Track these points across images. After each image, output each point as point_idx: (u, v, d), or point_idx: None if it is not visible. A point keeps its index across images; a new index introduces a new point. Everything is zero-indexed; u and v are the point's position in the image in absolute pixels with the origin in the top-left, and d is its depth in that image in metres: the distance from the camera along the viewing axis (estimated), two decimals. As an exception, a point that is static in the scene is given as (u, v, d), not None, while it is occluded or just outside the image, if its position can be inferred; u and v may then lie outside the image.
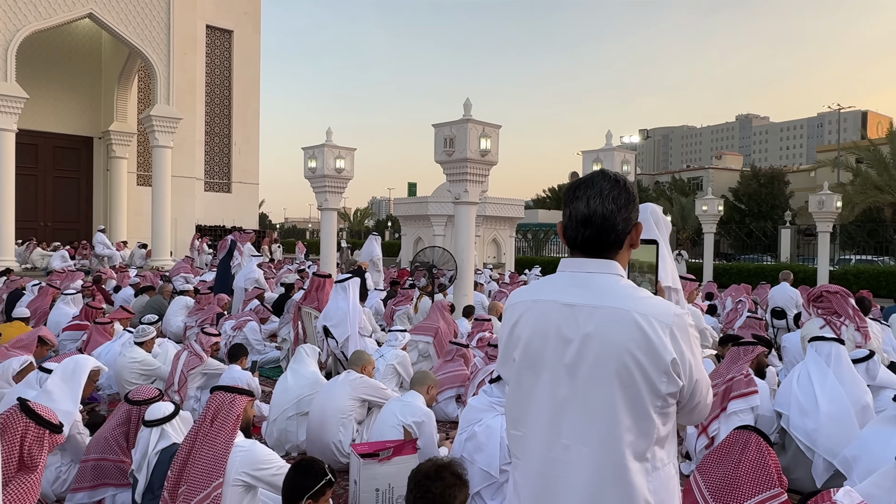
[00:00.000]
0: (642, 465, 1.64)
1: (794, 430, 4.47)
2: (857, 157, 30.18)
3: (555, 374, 1.71)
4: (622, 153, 12.96)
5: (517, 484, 1.78)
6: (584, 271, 1.74)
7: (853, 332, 5.82)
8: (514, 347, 1.79)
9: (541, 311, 1.75)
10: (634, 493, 1.63)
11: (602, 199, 1.73)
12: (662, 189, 57.36)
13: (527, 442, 1.76)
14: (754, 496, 2.89)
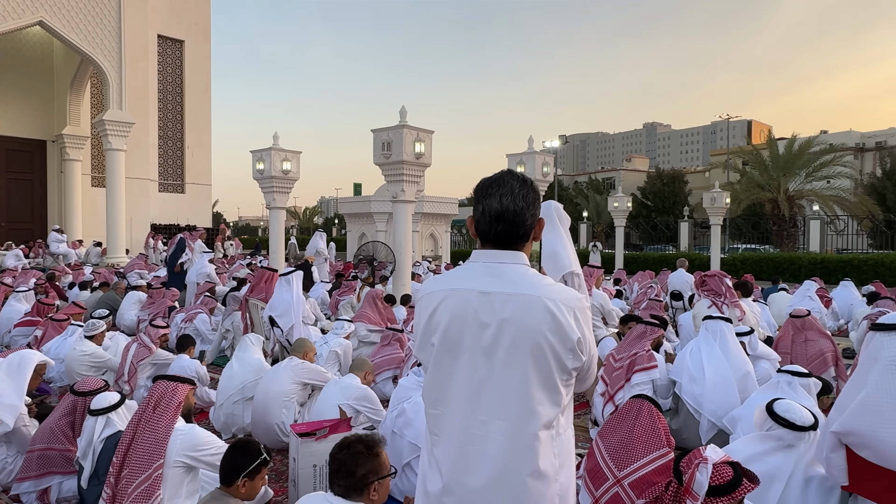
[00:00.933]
0: (549, 433, 1.70)
1: (684, 395, 4.64)
2: (743, 160, 31.68)
3: (473, 356, 1.71)
4: (542, 156, 13.18)
5: (437, 459, 1.76)
6: (496, 262, 1.75)
7: (732, 310, 6.10)
8: (433, 333, 1.77)
9: (459, 298, 1.74)
10: (542, 457, 1.68)
11: (513, 197, 1.75)
12: (581, 188, 58.70)
13: (446, 420, 1.75)
14: (646, 455, 2.97)
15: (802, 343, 5.92)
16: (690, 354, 4.80)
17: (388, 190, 11.35)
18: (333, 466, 2.54)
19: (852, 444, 2.39)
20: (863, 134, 69.75)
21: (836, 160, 28.38)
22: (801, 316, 5.93)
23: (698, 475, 2.24)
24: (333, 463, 2.55)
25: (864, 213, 26.16)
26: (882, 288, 11.88)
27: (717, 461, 2.28)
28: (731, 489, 2.18)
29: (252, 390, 4.89)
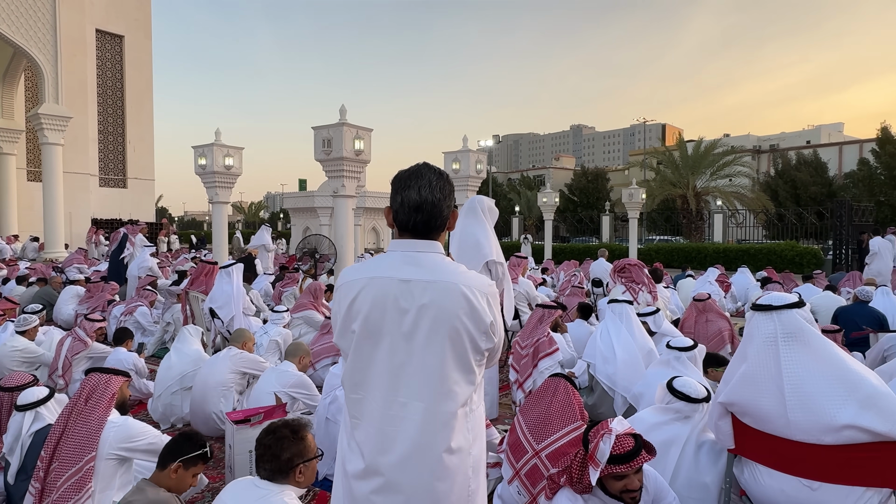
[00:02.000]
0: (463, 410, 1.73)
1: (598, 375, 4.74)
2: (658, 160, 32.95)
3: (393, 341, 1.70)
4: (476, 154, 13.27)
5: (358, 442, 1.74)
6: (414, 251, 1.75)
7: (646, 295, 6.34)
8: (354, 320, 1.74)
9: (379, 286, 1.72)
10: (458, 433, 1.70)
11: (431, 189, 1.75)
12: (514, 185, 59.55)
13: (366, 403, 1.73)
14: (562, 429, 3.05)
15: (704, 323, 6.23)
16: (601, 336, 4.91)
17: (330, 185, 11.15)
18: (259, 451, 2.48)
19: (736, 412, 2.53)
20: (759, 137, 74.00)
21: (737, 161, 29.99)
22: (702, 299, 6.24)
23: (602, 444, 2.31)
24: (259, 447, 2.48)
25: (760, 208, 27.77)
26: (773, 273, 12.62)
27: (620, 433, 2.36)
28: (630, 458, 2.26)
29: (191, 380, 4.70)
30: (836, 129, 74.10)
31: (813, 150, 46.99)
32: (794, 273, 14.87)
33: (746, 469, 2.56)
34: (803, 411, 2.27)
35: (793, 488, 2.34)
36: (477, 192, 13.62)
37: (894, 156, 32.76)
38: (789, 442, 2.33)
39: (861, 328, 6.39)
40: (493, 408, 4.86)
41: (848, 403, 2.21)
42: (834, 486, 2.27)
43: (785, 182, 39.83)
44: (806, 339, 2.35)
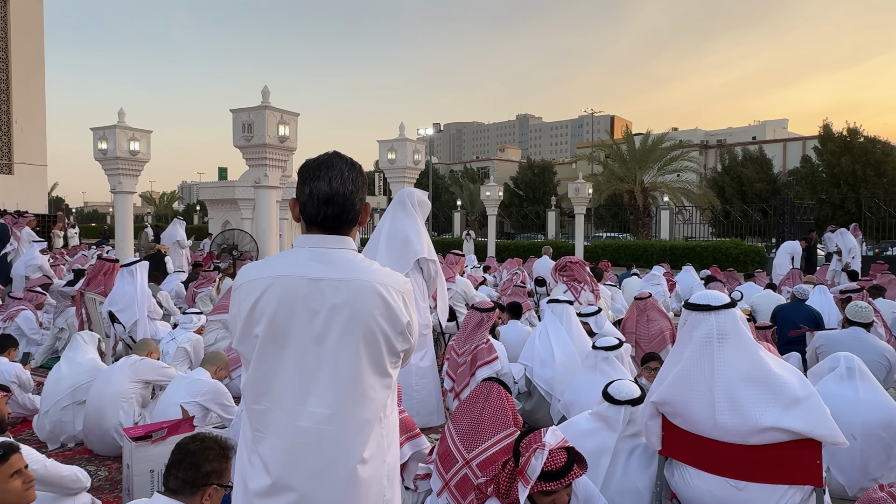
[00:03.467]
0: (379, 416, 1.73)
1: (536, 379, 4.81)
2: (605, 153, 33.99)
3: (301, 345, 1.68)
4: (413, 143, 13.27)
5: (263, 457, 1.70)
6: (324, 247, 1.73)
7: (588, 294, 6.56)
8: (257, 323, 1.70)
9: (285, 286, 1.69)
10: (373, 441, 1.71)
11: (343, 181, 1.73)
12: (456, 177, 59.95)
13: (272, 414, 1.70)
14: (494, 436, 3.11)
15: (645, 323, 6.50)
16: (539, 338, 5.00)
17: (252, 175, 10.88)
18: (178, 456, 2.38)
19: (667, 412, 2.67)
20: (707, 132, 77.80)
21: (684, 155, 31.39)
22: (643, 298, 6.51)
23: (533, 460, 2.38)
24: (179, 453, 2.39)
25: (707, 205, 29.20)
26: (717, 272, 13.32)
27: (554, 447, 2.42)
28: (562, 475, 2.34)
29: (84, 393, 4.48)
30: (781, 126, 78.89)
31: (759, 147, 49.85)
32: (739, 271, 15.73)
33: (676, 471, 2.70)
34: (731, 414, 2.42)
35: (720, 489, 2.50)
36: (414, 184, 13.63)
37: (835, 154, 35.20)
38: (717, 443, 2.48)
39: (798, 326, 6.85)
40: (432, 415, 4.88)
41: (772, 406, 2.38)
42: (759, 486, 2.43)
43: (731, 178, 42.04)
44: (738, 339, 2.51)
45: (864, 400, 3.72)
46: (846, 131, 35.89)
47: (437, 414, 4.83)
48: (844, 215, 28.15)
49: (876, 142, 35.75)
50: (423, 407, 4.68)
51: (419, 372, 4.67)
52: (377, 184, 48.12)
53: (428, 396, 4.71)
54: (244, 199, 20.98)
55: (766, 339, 6.15)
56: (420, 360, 4.70)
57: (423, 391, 4.67)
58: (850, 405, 3.69)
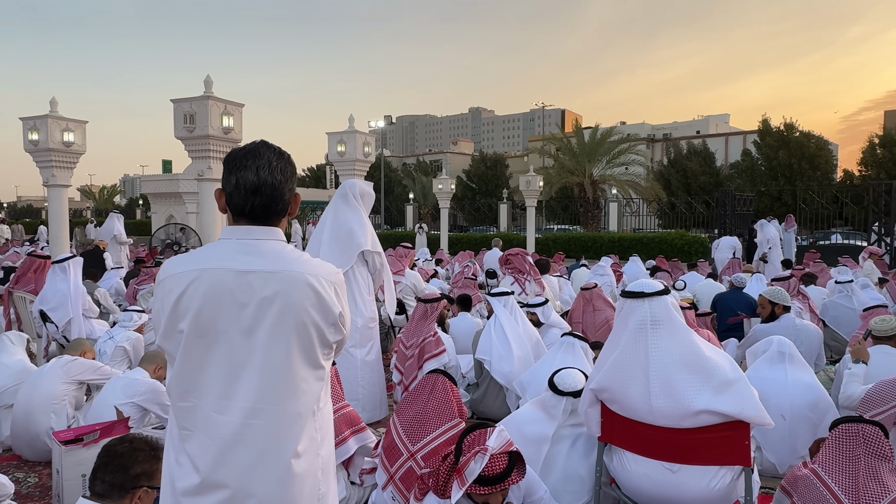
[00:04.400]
0: (311, 409, 1.72)
1: (495, 374, 4.82)
2: (556, 147, 34.46)
3: (230, 339, 1.64)
4: (363, 136, 13.15)
5: (191, 455, 1.66)
6: (252, 238, 1.70)
7: (534, 285, 6.64)
8: (182, 318, 1.65)
9: (212, 279, 1.64)
10: (306, 435, 1.70)
11: (271, 170, 1.70)
12: (409, 170, 59.76)
13: (200, 411, 1.66)
14: (438, 428, 3.11)
15: (591, 312, 6.63)
16: (495, 332, 5.04)
17: (195, 168, 10.57)
18: (104, 459, 2.29)
19: (606, 399, 2.73)
20: (653, 126, 79.92)
21: (631, 149, 32.11)
22: (589, 288, 6.64)
23: (473, 463, 2.39)
24: (106, 455, 2.30)
25: (653, 197, 30.00)
26: (663, 262, 13.71)
27: (496, 451, 2.43)
28: (499, 481, 2.37)
29: (12, 397, 4.27)
30: (723, 121, 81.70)
31: (702, 141, 51.48)
32: (683, 261, 16.24)
33: (615, 457, 2.77)
34: (665, 398, 2.49)
35: (656, 472, 2.57)
36: (365, 177, 13.50)
37: (773, 148, 36.72)
38: (652, 427, 2.55)
39: (736, 313, 7.12)
40: (376, 409, 4.86)
41: (704, 390, 2.46)
42: (692, 468, 2.52)
43: (677, 171, 43.31)
44: (672, 326, 2.58)
45: (793, 381, 3.89)
46: (783, 126, 37.47)
47: (383, 408, 4.81)
48: (782, 206, 29.35)
49: (810, 136, 37.47)
50: (368, 401, 4.65)
51: (365, 366, 4.64)
52: (328, 177, 47.51)
53: (374, 390, 4.68)
54: (189, 192, 20.39)
55: (706, 325, 6.37)
56: (366, 355, 4.66)
57: (369, 385, 4.64)
58: (781, 387, 3.86)
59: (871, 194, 18.40)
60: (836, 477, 2.39)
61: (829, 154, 38.46)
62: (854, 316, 6.60)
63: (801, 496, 2.47)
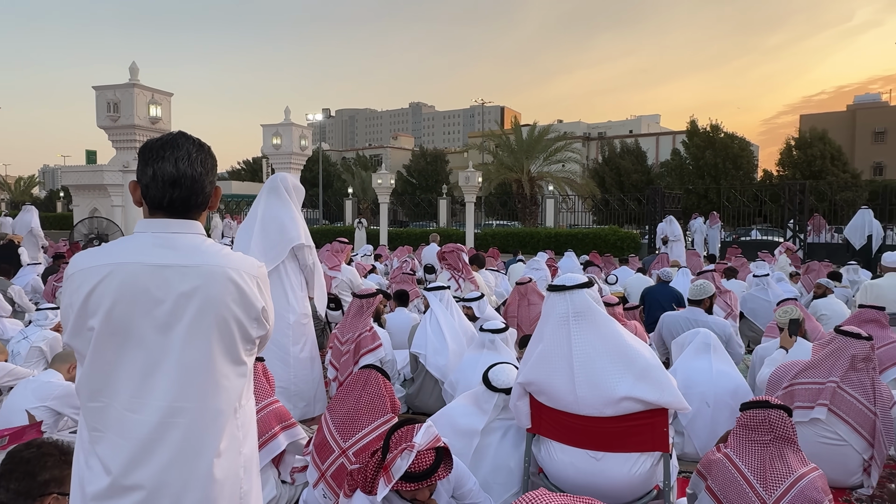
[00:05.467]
0: (233, 406, 1.69)
1: (430, 367, 4.85)
2: (495, 143, 34.84)
3: (145, 337, 1.59)
4: (300, 129, 12.91)
5: (103, 457, 1.59)
6: (169, 232, 1.65)
7: (468, 283, 6.71)
8: (92, 315, 1.58)
9: (125, 274, 1.59)
10: (227, 432, 1.66)
11: (191, 162, 1.66)
12: (348, 164, 59.07)
13: (112, 411, 1.60)
14: (371, 423, 3.10)
15: (526, 307, 6.75)
16: (430, 326, 5.08)
17: (120, 159, 10.10)
18: (9, 465, 2.16)
19: (534, 391, 2.79)
20: (589, 125, 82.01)
21: (568, 147, 32.86)
22: (524, 283, 6.76)
23: (399, 460, 2.41)
24: (11, 462, 2.16)
25: (588, 194, 30.82)
26: (596, 257, 14.13)
27: (423, 447, 2.45)
28: (424, 477, 2.39)
29: (-90, 403, 3.96)
30: (654, 121, 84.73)
31: (635, 140, 53.28)
32: (616, 256, 16.77)
33: (543, 447, 2.84)
34: (589, 387, 2.57)
35: (581, 460, 2.66)
36: (302, 170, 13.26)
37: (700, 148, 38.38)
38: (578, 417, 2.63)
39: (662, 306, 7.42)
40: (310, 406, 4.78)
41: (625, 377, 2.56)
42: (615, 455, 2.62)
43: (611, 169, 44.65)
44: (593, 317, 2.66)
45: (716, 371, 4.10)
46: (709, 127, 39.20)
47: (320, 404, 4.75)
48: (708, 204, 30.72)
49: (734, 137, 39.38)
50: (302, 398, 4.57)
51: (298, 363, 4.56)
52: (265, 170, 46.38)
53: (307, 387, 4.61)
54: (114, 184, 19.42)
55: (635, 318, 6.61)
56: (300, 352, 4.58)
57: (303, 382, 4.56)
58: (706, 376, 4.06)
59: (787, 193, 19.53)
60: (746, 459, 2.54)
61: (751, 155, 40.55)
62: (770, 308, 6.99)
63: (715, 478, 2.61)
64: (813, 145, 37.66)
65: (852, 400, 3.43)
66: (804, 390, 3.54)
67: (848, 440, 3.44)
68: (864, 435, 3.42)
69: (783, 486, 2.46)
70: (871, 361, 3.45)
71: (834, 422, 3.44)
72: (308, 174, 41.74)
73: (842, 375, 3.44)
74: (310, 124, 37.14)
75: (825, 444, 3.47)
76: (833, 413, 3.44)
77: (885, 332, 4.84)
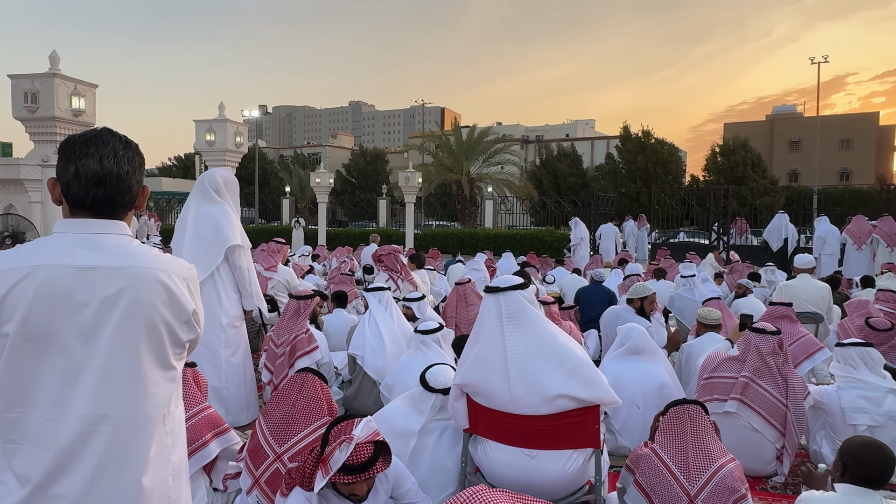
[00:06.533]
0: (161, 413, 1.63)
1: (367, 368, 4.82)
2: (435, 144, 34.99)
3: (66, 342, 1.51)
4: (235, 125, 12.55)
5: (18, 470, 1.50)
6: (93, 233, 1.58)
7: (406, 284, 6.72)
8: (8, 321, 1.49)
9: (45, 276, 1.50)
10: (155, 441, 1.61)
11: (117, 160, 1.59)
12: (286, 162, 57.90)
13: (30, 422, 1.51)
14: (307, 427, 3.06)
15: (465, 307, 6.82)
16: (369, 327, 5.04)
17: (38, 153, 9.52)
18: None
19: (470, 392, 2.83)
20: (527, 128, 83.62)
21: (507, 149, 33.42)
22: (463, 283, 6.83)
23: (338, 452, 2.39)
24: None
25: (526, 196, 31.41)
26: (533, 258, 14.39)
27: (362, 440, 2.44)
28: (363, 469, 2.38)
29: None
30: (590, 125, 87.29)
31: (571, 144, 54.70)
32: (552, 257, 17.15)
33: (479, 446, 2.88)
34: (524, 386, 2.63)
35: (516, 459, 2.72)
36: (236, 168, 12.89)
37: (633, 152, 39.78)
38: (513, 416, 2.68)
39: (596, 305, 7.66)
40: (243, 412, 4.66)
41: (558, 375, 2.63)
42: (548, 452, 2.69)
43: (548, 172, 45.62)
44: (527, 318, 2.73)
45: (644, 370, 4.26)
46: (641, 133, 40.69)
47: (252, 410, 4.65)
48: (639, 207, 31.84)
49: (664, 143, 41.03)
50: (234, 403, 4.45)
51: (230, 367, 4.43)
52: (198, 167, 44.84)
53: (240, 392, 4.49)
54: (32, 179, 18.31)
55: (570, 318, 6.79)
56: (232, 355, 4.45)
57: (235, 388, 4.44)
58: (635, 375, 4.21)
59: (713, 197, 20.52)
60: (670, 453, 2.66)
61: (679, 160, 42.36)
62: (696, 307, 7.33)
63: (643, 472, 2.72)
64: (735, 152, 39.71)
65: (765, 393, 3.66)
66: (721, 383, 3.77)
67: (762, 431, 3.66)
68: (776, 426, 3.65)
69: (704, 477, 2.60)
70: (778, 355, 3.70)
71: (748, 414, 3.67)
72: (244, 172, 40.63)
73: (753, 370, 3.69)
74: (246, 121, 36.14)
75: (742, 436, 3.68)
76: (747, 406, 3.67)
77: (795, 326, 5.20)
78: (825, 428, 3.96)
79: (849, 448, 2.49)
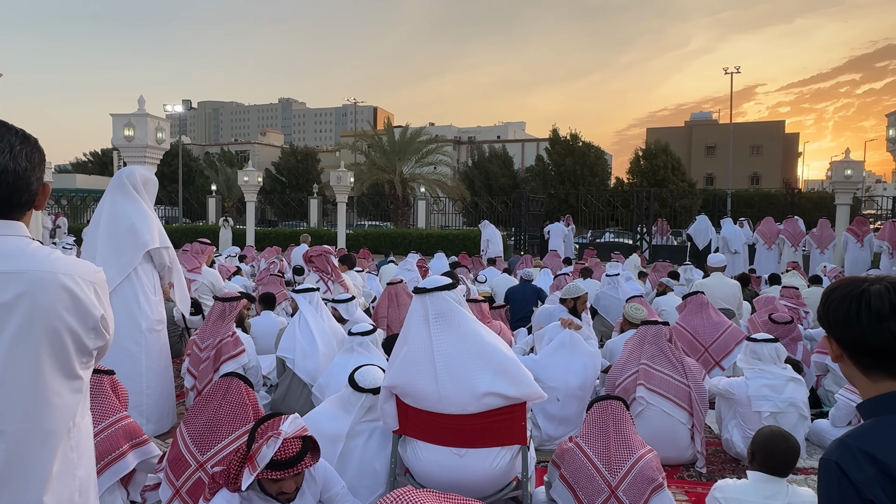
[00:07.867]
0: (66, 425, 1.53)
1: (299, 371, 4.70)
2: (368, 143, 34.70)
3: None
4: (156, 120, 11.98)
5: None
6: None
7: (337, 286, 6.65)
8: None
9: None
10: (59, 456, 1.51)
11: (13, 156, 1.48)
12: (212, 159, 55.89)
13: None
14: (232, 433, 2.97)
15: (396, 307, 6.81)
16: (300, 329, 4.93)
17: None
18: None
19: (399, 393, 2.83)
20: (459, 129, 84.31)
21: (439, 150, 33.56)
22: (395, 283, 6.81)
23: (265, 448, 2.33)
24: None
25: (459, 196, 31.67)
26: (465, 258, 14.53)
27: (290, 436, 2.40)
28: (291, 465, 2.34)
29: None
30: (520, 128, 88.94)
31: (502, 145, 55.63)
32: (484, 257, 17.35)
33: (409, 447, 2.88)
34: (452, 385, 2.66)
35: (445, 458, 2.74)
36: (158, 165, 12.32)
37: (561, 155, 40.85)
38: (442, 416, 2.70)
39: (526, 303, 7.83)
40: (164, 420, 4.47)
41: (485, 373, 2.68)
42: (477, 451, 2.73)
43: (480, 173, 46.17)
44: (453, 318, 2.76)
45: (569, 366, 4.38)
46: (569, 136, 41.85)
47: (171, 417, 4.46)
48: (568, 208, 32.63)
49: (591, 146, 42.37)
50: (154, 412, 4.26)
51: (151, 373, 4.23)
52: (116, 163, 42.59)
53: (160, 399, 4.29)
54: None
55: (500, 317, 6.90)
56: (152, 362, 4.26)
57: (155, 395, 4.25)
58: (561, 372, 4.32)
59: (636, 199, 21.39)
60: (593, 446, 2.76)
61: (605, 163, 43.87)
62: (620, 305, 7.62)
63: (567, 466, 2.81)
64: (657, 156, 41.48)
65: (667, 377, 3.99)
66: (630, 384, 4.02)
67: (674, 414, 3.92)
68: (684, 406, 3.96)
69: (625, 468, 2.71)
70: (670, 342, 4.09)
71: (658, 400, 3.93)
72: (167, 169, 38.85)
73: (649, 357, 4.03)
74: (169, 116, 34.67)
75: (658, 423, 3.91)
76: (654, 392, 3.94)
77: (718, 315, 5.62)
78: (736, 417, 4.21)
79: (758, 438, 2.69)
